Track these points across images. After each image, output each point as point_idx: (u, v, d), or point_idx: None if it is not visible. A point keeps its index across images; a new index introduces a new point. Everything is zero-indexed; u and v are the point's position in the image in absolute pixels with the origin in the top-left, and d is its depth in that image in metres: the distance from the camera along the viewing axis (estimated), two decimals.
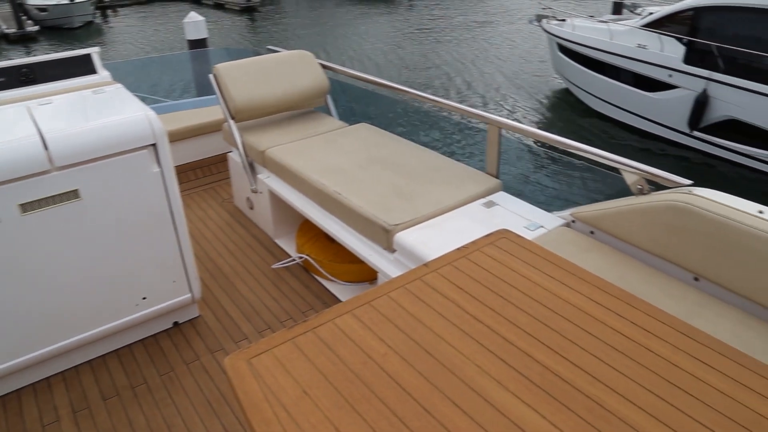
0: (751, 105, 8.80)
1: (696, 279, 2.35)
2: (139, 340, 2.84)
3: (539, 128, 3.42)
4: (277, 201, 3.61)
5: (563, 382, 1.29)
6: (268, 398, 1.26)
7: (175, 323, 2.95)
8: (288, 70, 3.88)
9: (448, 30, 20.47)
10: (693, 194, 2.27)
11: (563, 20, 12.02)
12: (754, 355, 1.98)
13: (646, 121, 10.44)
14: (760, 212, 2.13)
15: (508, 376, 1.30)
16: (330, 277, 3.28)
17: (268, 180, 3.54)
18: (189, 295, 2.84)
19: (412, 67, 15.75)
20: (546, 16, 12.48)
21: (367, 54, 17.41)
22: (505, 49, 17.31)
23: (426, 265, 1.73)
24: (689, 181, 2.36)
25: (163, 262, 2.68)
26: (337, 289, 3.24)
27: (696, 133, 9.67)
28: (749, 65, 8.86)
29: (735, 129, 9.16)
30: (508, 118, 3.68)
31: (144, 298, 2.69)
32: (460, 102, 12.00)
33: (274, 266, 3.45)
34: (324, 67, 4.10)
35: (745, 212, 2.14)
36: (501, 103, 12.60)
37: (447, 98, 4.26)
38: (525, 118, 11.60)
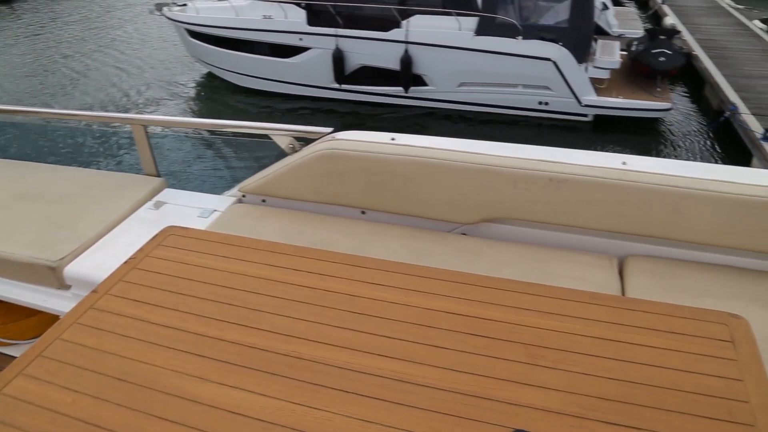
0: (373, 50, 9.90)
1: (363, 212, 2.57)
2: None
3: (190, 116, 3.34)
4: None
5: (261, 351, 1.33)
6: None
7: None
8: None
9: (68, 30, 18.22)
10: (335, 139, 2.45)
11: (185, 5, 11.68)
12: (423, 258, 2.26)
13: (291, 85, 10.96)
14: (393, 139, 2.39)
15: (208, 367, 1.30)
16: (8, 341, 2.84)
17: None
18: None
19: (35, 81, 13.63)
20: (166, 4, 11.96)
21: None
22: (136, 44, 16.18)
23: (95, 291, 1.59)
24: (330, 129, 2.53)
25: None
26: (23, 351, 2.74)
27: (338, 86, 10.53)
28: (361, 16, 9.93)
29: (368, 74, 10.25)
30: (154, 114, 3.45)
31: None
32: (102, 109, 10.89)
33: None
34: None
35: (380, 142, 2.37)
36: (147, 100, 11.78)
37: (86, 109, 3.80)
38: (176, 109, 11.08)
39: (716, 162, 8.91)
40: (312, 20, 10.10)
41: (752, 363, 1.25)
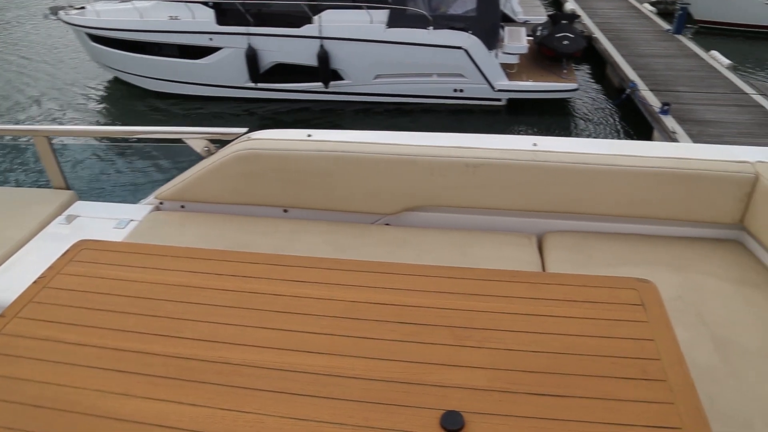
0: (287, 47, 9.82)
1: (285, 211, 2.55)
2: None
3: (98, 124, 3.20)
4: None
5: (186, 360, 1.30)
6: None
7: None
8: None
9: None
10: (251, 139, 2.43)
11: (83, 8, 11.10)
12: (347, 251, 2.28)
13: (204, 87, 10.69)
14: (309, 135, 2.39)
15: (132, 382, 1.25)
16: None
17: None
18: None
19: None
20: (62, 7, 11.31)
21: None
22: (34, 51, 15.20)
23: (2, 315, 1.50)
24: (244, 129, 2.50)
25: None
26: None
27: (253, 85, 10.37)
28: (271, 13, 9.79)
29: (284, 71, 10.16)
30: (57, 125, 3.27)
31: None
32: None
33: None
34: None
35: (297, 140, 2.37)
36: (49, 110, 11.11)
37: None
38: (81, 118, 10.50)
39: (622, 136, 9.46)
40: (221, 19, 9.85)
41: (661, 323, 1.34)
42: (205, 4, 9.81)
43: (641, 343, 1.28)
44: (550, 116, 10.00)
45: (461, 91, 9.97)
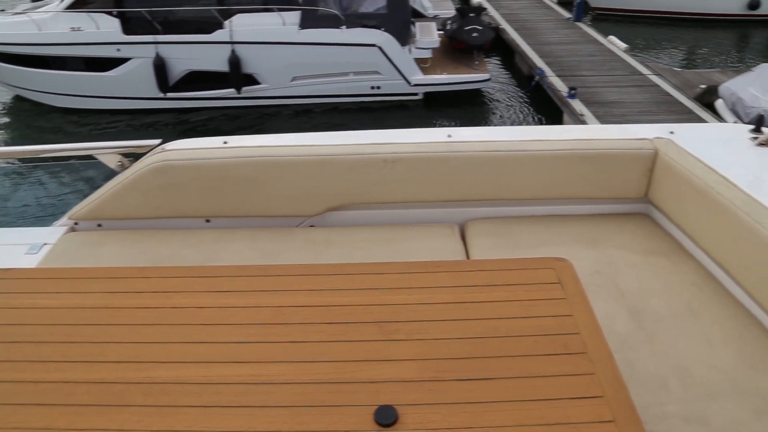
0: (198, 54, 9.60)
1: (207, 221, 2.51)
2: None
3: (3, 146, 3.02)
4: None
5: (111, 384, 1.24)
6: None
7: None
8: None
9: None
10: (166, 150, 2.37)
11: None
12: (273, 257, 2.27)
13: (114, 100, 10.27)
14: (225, 143, 2.38)
15: (53, 416, 1.18)
16: None
17: None
18: None
19: None
20: None
21: None
22: None
23: None
24: (158, 141, 2.45)
25: None
26: None
27: (167, 94, 10.04)
28: (180, 20, 9.55)
29: (197, 79, 9.91)
30: None
31: None
32: None
33: None
34: None
35: (213, 147, 2.35)
36: None
37: None
38: None
39: (536, 121, 9.89)
40: (127, 29, 9.49)
41: (578, 298, 1.40)
42: (109, 13, 9.44)
43: (560, 319, 1.33)
44: (466, 107, 10.31)
45: (378, 88, 10.10)
